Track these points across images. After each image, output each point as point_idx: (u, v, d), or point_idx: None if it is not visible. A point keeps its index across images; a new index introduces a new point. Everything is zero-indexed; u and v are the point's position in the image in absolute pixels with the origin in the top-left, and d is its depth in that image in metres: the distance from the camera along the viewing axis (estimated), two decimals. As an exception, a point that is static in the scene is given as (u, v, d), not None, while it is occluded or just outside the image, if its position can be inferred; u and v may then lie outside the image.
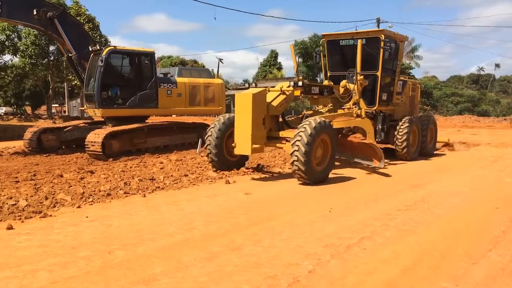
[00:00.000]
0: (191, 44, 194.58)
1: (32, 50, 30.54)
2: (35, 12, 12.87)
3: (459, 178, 9.76)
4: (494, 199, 7.55)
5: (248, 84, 10.51)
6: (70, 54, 14.04)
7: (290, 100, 10.18)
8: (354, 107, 11.42)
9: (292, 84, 9.93)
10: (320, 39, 13.12)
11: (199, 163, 10.77)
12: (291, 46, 13.21)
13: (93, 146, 11.86)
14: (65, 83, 39.21)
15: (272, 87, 10.11)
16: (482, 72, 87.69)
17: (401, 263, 4.49)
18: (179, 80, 14.85)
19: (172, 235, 5.28)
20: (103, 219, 5.95)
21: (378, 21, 37.93)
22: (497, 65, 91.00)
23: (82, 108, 15.71)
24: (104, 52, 12.89)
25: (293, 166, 8.44)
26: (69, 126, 13.99)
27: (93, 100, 13.09)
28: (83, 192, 7.34)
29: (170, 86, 14.50)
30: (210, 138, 9.57)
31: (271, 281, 3.99)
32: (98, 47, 13.71)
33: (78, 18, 23.90)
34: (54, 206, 6.54)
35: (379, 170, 10.19)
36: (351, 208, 6.76)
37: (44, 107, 51.50)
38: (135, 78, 13.84)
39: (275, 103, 9.54)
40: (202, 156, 11.87)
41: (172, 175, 9.16)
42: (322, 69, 12.76)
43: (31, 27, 17.97)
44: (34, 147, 13.23)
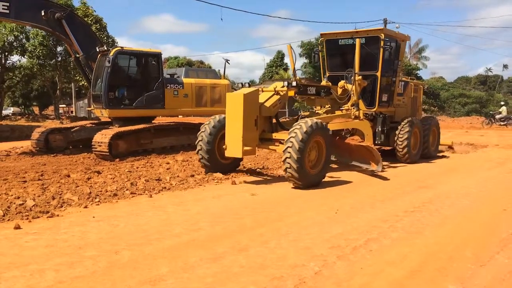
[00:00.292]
0: (197, 45, 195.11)
1: (40, 51, 30.77)
2: (43, 13, 12.97)
3: (467, 179, 9.69)
4: (502, 201, 7.49)
5: (241, 84, 10.03)
6: (77, 55, 14.12)
7: (285, 101, 9.82)
8: (353, 108, 11.09)
9: (286, 84, 9.61)
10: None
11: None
12: (288, 46, 12.59)
13: (100, 146, 11.91)
14: (72, 84, 39.44)
15: (265, 87, 9.87)
16: (490, 73, 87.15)
17: (408, 265, 4.47)
18: (185, 80, 14.89)
19: (178, 236, 5.28)
20: (109, 219, 5.97)
21: (385, 22, 37.77)
22: (505, 66, 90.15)
23: (89, 108, 15.81)
24: (111, 53, 12.95)
25: (285, 168, 8.15)
26: (76, 127, 14.05)
27: (100, 100, 13.16)
28: (90, 192, 7.37)
29: (176, 86, 14.54)
30: (200, 143, 9.29)
31: (277, 282, 3.98)
32: (105, 48, 13.78)
33: (86, 19, 24.08)
34: (61, 206, 6.57)
35: (385, 172, 10.13)
36: (358, 210, 6.73)
37: (51, 108, 51.89)
38: (142, 78, 13.90)
39: (268, 104, 9.23)
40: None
41: (178, 176, 9.18)
42: (321, 69, 12.47)
43: (39, 28, 18.09)
44: (41, 147, 13.31)
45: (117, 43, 32.16)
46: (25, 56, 32.90)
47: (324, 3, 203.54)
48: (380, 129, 11.68)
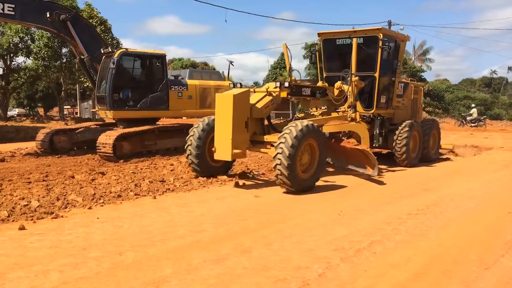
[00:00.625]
0: (202, 46, 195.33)
1: (45, 52, 30.86)
2: (48, 15, 13.01)
3: (471, 182, 9.65)
4: (506, 203, 7.46)
5: (233, 84, 9.74)
6: (82, 56, 14.17)
7: (277, 102, 9.44)
8: (349, 110, 10.85)
9: (278, 84, 9.32)
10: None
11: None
12: (283, 45, 12.21)
13: (104, 147, 11.94)
14: (77, 85, 39.53)
15: (258, 87, 9.61)
16: (494, 75, 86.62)
17: (412, 268, 4.46)
18: (189, 82, 14.92)
19: (182, 237, 5.29)
20: (113, 220, 5.99)
21: (390, 24, 37.69)
22: (510, 68, 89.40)
23: (94, 110, 15.80)
24: (116, 55, 12.99)
25: (275, 171, 7.86)
26: (80, 128, 14.10)
27: (104, 102, 13.19)
28: (94, 193, 7.40)
29: (180, 88, 14.56)
30: (190, 148, 9.05)
31: (280, 284, 3.98)
32: (110, 50, 13.82)
33: (91, 21, 24.12)
34: (66, 207, 6.60)
35: (385, 176, 10.09)
36: (362, 212, 6.72)
37: (56, 109, 52.00)
38: (146, 80, 13.93)
39: (259, 105, 8.96)
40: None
41: (182, 177, 9.19)
42: (318, 69, 12.22)
43: (44, 30, 18.18)
44: (46, 148, 13.36)
45: (121, 44, 32.23)
46: (30, 58, 33.01)
47: (328, 5, 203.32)
48: (378, 131, 11.33)
